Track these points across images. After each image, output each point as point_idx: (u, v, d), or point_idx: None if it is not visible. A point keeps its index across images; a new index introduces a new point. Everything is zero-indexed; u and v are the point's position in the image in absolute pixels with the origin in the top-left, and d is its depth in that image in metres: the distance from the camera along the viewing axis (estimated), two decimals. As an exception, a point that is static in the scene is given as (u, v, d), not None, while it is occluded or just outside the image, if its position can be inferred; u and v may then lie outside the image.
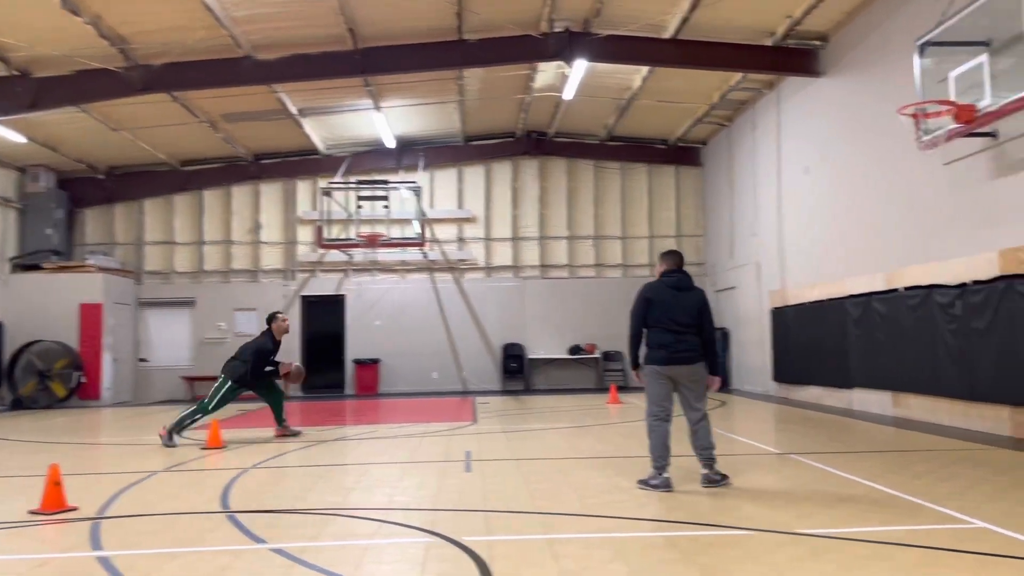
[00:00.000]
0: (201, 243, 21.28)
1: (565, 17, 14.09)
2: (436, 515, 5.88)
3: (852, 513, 5.70)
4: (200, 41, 13.27)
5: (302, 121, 18.35)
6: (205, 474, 8.19)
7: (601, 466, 8.01)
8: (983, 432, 9.83)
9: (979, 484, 6.63)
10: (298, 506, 6.33)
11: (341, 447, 10.24)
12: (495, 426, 12.12)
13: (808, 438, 10.08)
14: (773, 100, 16.70)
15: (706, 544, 4.97)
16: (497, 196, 21.64)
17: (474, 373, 21.01)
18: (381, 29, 13.99)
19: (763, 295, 17.44)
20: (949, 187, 10.79)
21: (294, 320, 21.00)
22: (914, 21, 11.02)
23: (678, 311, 6.86)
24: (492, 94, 17.96)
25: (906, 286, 11.65)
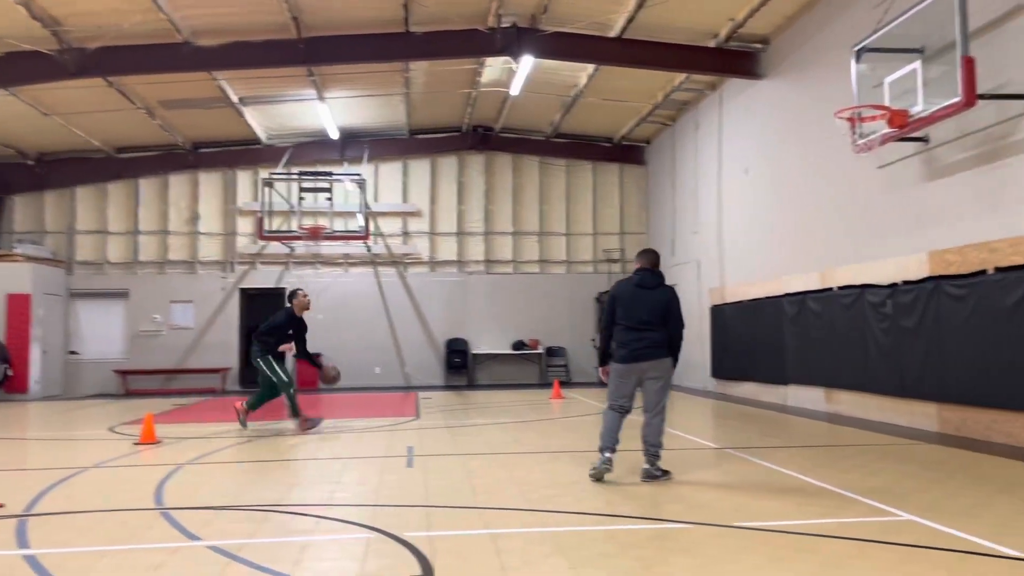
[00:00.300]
0: (136, 233, 20.71)
1: (512, 12, 14.10)
2: (377, 511, 5.85)
3: (785, 506, 5.85)
4: (137, 25, 12.90)
5: (243, 110, 17.99)
6: (138, 470, 7.99)
7: (544, 461, 8.06)
8: (911, 427, 10.18)
9: (906, 478, 6.87)
10: (235, 503, 6.22)
11: (280, 443, 10.09)
12: (438, 421, 12.09)
13: (744, 433, 10.31)
14: (715, 101, 16.99)
15: (645, 537, 5.05)
16: (442, 190, 21.56)
17: (417, 368, 20.92)
18: (326, 18, 13.79)
19: (703, 293, 17.74)
20: (882, 190, 11.14)
21: (231, 313, 20.64)
22: (852, 27, 11.33)
23: (641, 309, 6.96)
24: (438, 88, 17.87)
25: (840, 285, 11.98)
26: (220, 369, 20.28)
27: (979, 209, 9.24)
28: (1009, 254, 8.63)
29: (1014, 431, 8.54)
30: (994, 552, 4.54)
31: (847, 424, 10.85)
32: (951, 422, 9.56)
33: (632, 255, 21.61)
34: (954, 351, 9.38)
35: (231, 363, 20.50)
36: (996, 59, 8.78)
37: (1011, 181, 8.75)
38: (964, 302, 9.19)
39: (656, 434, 6.93)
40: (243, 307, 20.77)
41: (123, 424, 12.20)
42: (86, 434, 10.92)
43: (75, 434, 11.10)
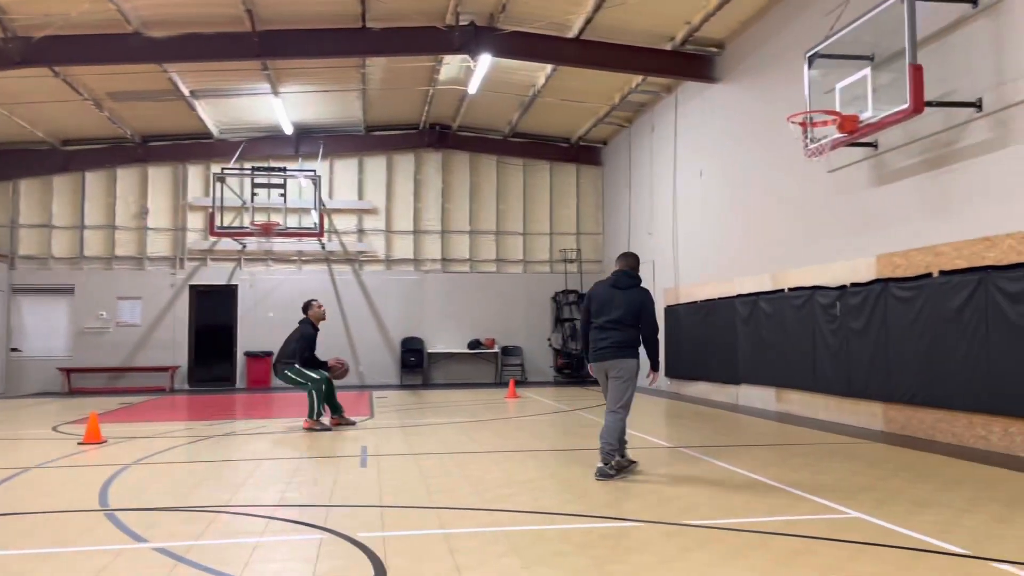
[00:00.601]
0: (82, 227, 20.18)
1: (471, 11, 14.06)
2: (330, 511, 5.77)
3: (736, 504, 5.93)
4: (85, 14, 12.57)
5: (195, 103, 17.65)
6: (82, 470, 7.78)
7: (499, 460, 8.05)
8: (858, 427, 10.40)
9: (854, 476, 7.01)
10: (183, 503, 6.09)
11: (230, 443, 9.92)
12: (392, 421, 12.01)
13: (697, 432, 10.42)
14: (671, 103, 17.16)
15: (598, 536, 5.07)
16: (399, 188, 21.42)
17: (372, 367, 20.75)
18: (281, 12, 13.59)
19: (658, 293, 17.90)
20: (832, 193, 11.36)
21: (181, 311, 20.25)
22: (804, 33, 11.53)
23: (611, 309, 7.11)
24: (395, 85, 17.74)
25: (791, 287, 12.19)
26: (168, 367, 19.86)
27: (925, 213, 9.47)
28: (953, 258, 8.86)
29: (957, 430, 8.78)
30: (939, 549, 4.65)
31: (797, 423, 11.04)
32: (896, 421, 9.79)
33: (589, 255, 21.90)
34: (900, 352, 9.61)
35: (180, 361, 20.10)
36: (943, 68, 9.01)
37: (955, 187, 8.99)
38: (910, 304, 9.42)
39: (610, 432, 6.99)
40: (193, 304, 20.38)
41: (67, 423, 11.88)
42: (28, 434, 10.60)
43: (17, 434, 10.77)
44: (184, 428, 11.47)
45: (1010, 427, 8.07)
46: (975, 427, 8.53)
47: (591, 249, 22.05)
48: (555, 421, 11.87)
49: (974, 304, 8.42)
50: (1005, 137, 8.30)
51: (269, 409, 14.48)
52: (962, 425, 8.71)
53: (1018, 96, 8.07)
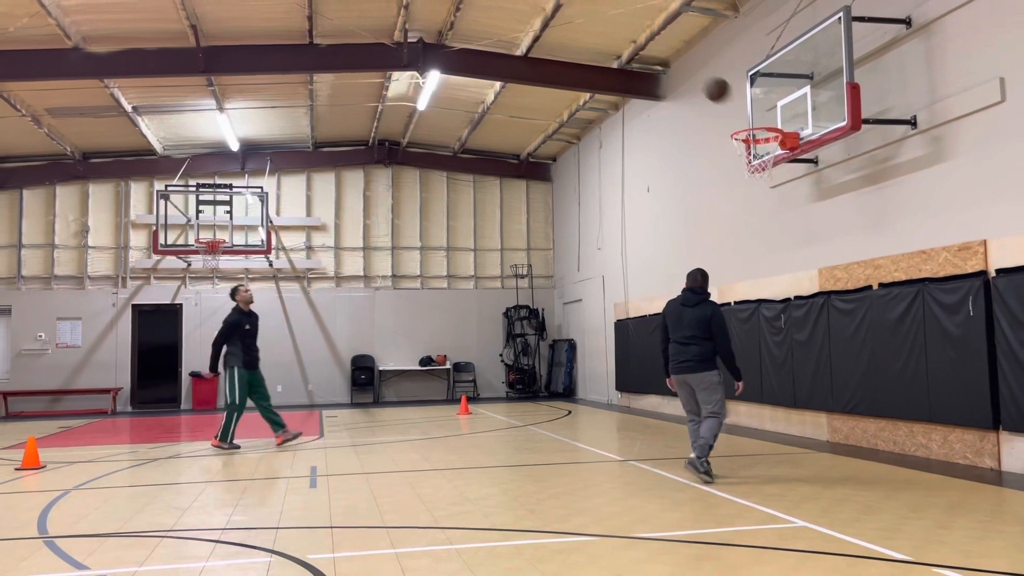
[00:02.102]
0: (19, 246, 19.59)
1: (419, 28, 14.09)
2: (279, 533, 5.68)
3: (686, 516, 5.99)
4: (23, 29, 12.26)
5: (138, 119, 17.31)
6: (19, 496, 7.52)
7: (451, 477, 8.01)
8: (803, 437, 10.61)
9: (799, 485, 7.14)
10: (125, 529, 5.92)
11: (175, 465, 9.68)
12: (343, 440, 11.86)
13: (647, 445, 10.51)
14: (618, 120, 17.39)
15: (551, 551, 5.07)
16: (348, 204, 21.27)
17: (321, 386, 20.49)
18: (226, 27, 13.44)
19: (607, 307, 18.06)
20: (775, 208, 11.62)
21: (124, 331, 19.75)
22: (746, 53, 11.82)
23: (683, 325, 7.71)
24: (344, 101, 17.66)
25: (737, 300, 12.41)
26: (110, 389, 19.33)
27: (864, 228, 9.75)
28: (892, 271, 9.13)
29: (898, 438, 9.01)
30: (883, 556, 4.76)
31: (744, 435, 11.21)
32: (840, 431, 10.01)
33: (539, 270, 22.02)
34: (843, 363, 9.84)
35: (123, 383, 19.59)
36: (879, 86, 9.32)
37: (893, 201, 9.27)
38: (852, 316, 9.66)
39: (707, 429, 7.51)
40: (136, 324, 19.90)
41: (4, 448, 11.46)
42: (-39, 461, 10.21)
43: (-52, 461, 10.36)
44: (127, 451, 11.16)
45: (949, 435, 8.31)
46: (915, 435, 8.77)
47: (542, 264, 22.17)
48: (507, 437, 11.86)
49: (912, 315, 8.68)
50: (939, 153, 8.59)
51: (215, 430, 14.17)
52: (903, 434, 8.94)
53: (950, 114, 8.38)
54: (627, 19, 13.26)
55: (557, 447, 10.45)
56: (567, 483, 7.57)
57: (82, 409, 19.00)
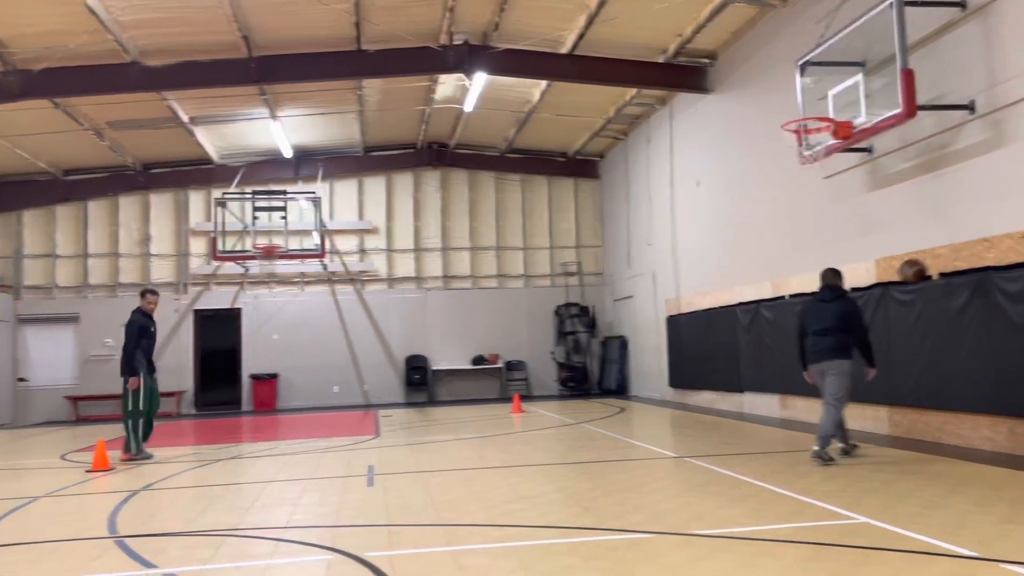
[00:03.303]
0: (86, 256, 20.28)
1: (464, 30, 14.19)
2: (337, 532, 5.79)
3: (743, 512, 5.93)
4: (84, 46, 12.70)
5: (194, 130, 17.78)
6: (91, 498, 7.80)
7: (505, 475, 8.06)
8: (864, 431, 10.39)
9: (860, 481, 7.01)
10: (191, 528, 6.11)
11: (237, 466, 9.93)
12: (398, 439, 12.01)
13: (702, 441, 10.42)
14: (666, 115, 17.25)
15: (607, 548, 5.08)
16: (398, 207, 21.51)
17: (376, 386, 20.76)
18: (277, 37, 13.72)
19: (659, 303, 17.93)
20: (829, 199, 11.40)
21: (186, 335, 20.28)
22: (795, 42, 11.62)
23: (819, 319, 8.25)
24: (392, 105, 17.87)
25: (791, 293, 12.21)
26: (175, 393, 19.88)
27: (922, 216, 9.51)
28: (952, 260, 8.89)
29: (964, 432, 8.77)
30: (948, 552, 4.66)
31: (802, 430, 11.03)
32: (902, 425, 9.78)
33: (589, 267, 21.96)
34: (903, 355, 9.61)
35: (186, 386, 20.14)
36: (935, 71, 9.07)
37: (952, 189, 9.03)
38: (911, 307, 9.43)
39: (825, 422, 7.99)
40: (197, 329, 20.44)
41: (75, 451, 11.91)
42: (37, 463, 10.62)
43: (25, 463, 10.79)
44: (191, 453, 11.49)
45: (1016, 427, 8.06)
46: (981, 428, 8.53)
47: (591, 262, 22.10)
48: (561, 435, 11.88)
49: (975, 305, 8.44)
50: (999, 138, 8.34)
51: (275, 431, 14.49)
52: (968, 427, 8.71)
53: (1010, 97, 8.13)
54: (672, 12, 13.15)
55: (611, 444, 10.43)
56: (622, 480, 7.56)
57: (147, 413, 19.54)
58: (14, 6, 11.63)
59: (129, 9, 12.02)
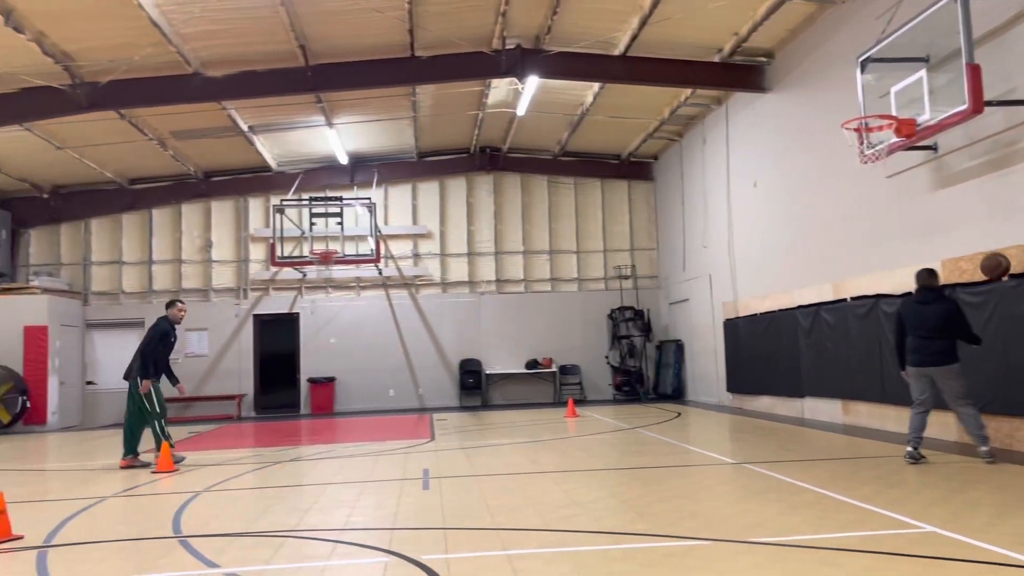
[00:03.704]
0: (150, 262, 20.89)
1: (517, 34, 14.22)
2: (394, 534, 5.84)
3: (804, 520, 5.80)
4: (147, 58, 13.08)
5: (253, 138, 18.17)
6: (156, 498, 8.01)
7: (559, 480, 8.03)
8: (929, 437, 10.05)
9: (926, 489, 6.80)
10: (251, 529, 6.22)
11: (296, 468, 10.10)
12: (453, 443, 12.07)
13: (761, 447, 10.23)
14: (722, 115, 17.02)
15: (663, 555, 5.01)
16: (452, 212, 21.66)
17: (431, 390, 20.91)
18: (333, 46, 13.94)
19: (715, 307, 17.69)
20: (892, 199, 11.11)
21: (246, 340, 20.72)
22: (855, 38, 11.36)
23: (921, 322, 8.18)
24: (445, 110, 18.00)
25: (853, 296, 11.93)
26: (235, 396, 20.34)
27: (990, 215, 9.20)
28: (1023, 260, 8.57)
29: (1035, 439, 8.44)
30: (1019, 563, 4.48)
31: (865, 436, 10.76)
32: (971, 431, 9.45)
33: (644, 271, 21.79)
34: (972, 360, 9.28)
35: (246, 389, 20.57)
36: (1002, 65, 8.77)
37: (1021, 187, 8.71)
38: (981, 309, 9.12)
39: (969, 424, 8.02)
40: (257, 333, 20.87)
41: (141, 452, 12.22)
42: (104, 464, 10.95)
43: (93, 464, 11.14)
44: (252, 455, 11.72)
45: (1093, 434, 7.73)
46: (1055, 435, 8.19)
47: (646, 265, 21.93)
48: (615, 440, 11.79)
49: (1048, 307, 8.12)
50: (1072, 133, 8.02)
51: (333, 434, 14.70)
52: (1041, 433, 8.38)
53: (1084, 91, 7.81)
54: (728, 11, 12.97)
55: (666, 450, 10.32)
56: (678, 486, 7.46)
57: (210, 415, 20.06)
58: (82, 21, 12.05)
59: (190, 21, 12.35)
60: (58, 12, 11.69)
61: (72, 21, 12.01)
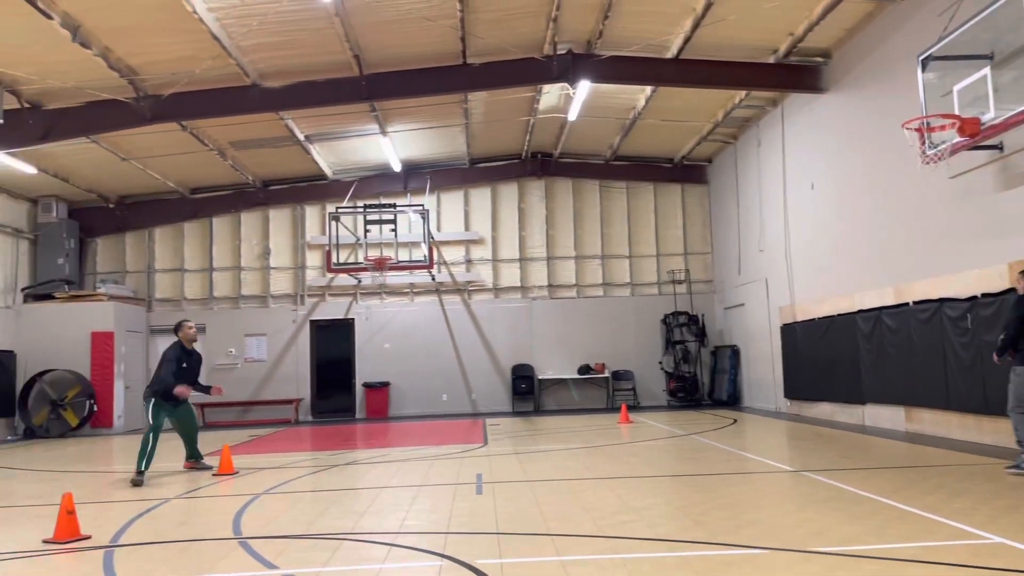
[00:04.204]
0: (211, 270, 21.41)
1: (568, 39, 14.22)
2: (448, 538, 5.87)
3: (866, 530, 5.66)
4: (208, 70, 13.43)
5: (309, 147, 18.51)
6: (217, 500, 8.20)
7: (613, 486, 7.99)
8: (996, 446, 9.75)
9: (993, 498, 6.58)
10: (309, 531, 6.33)
11: (352, 471, 10.23)
12: (506, 448, 12.09)
13: (820, 455, 10.02)
14: (777, 117, 16.76)
15: (719, 563, 4.95)
16: (503, 217, 21.73)
17: (484, 395, 20.98)
18: (386, 55, 14.13)
19: (772, 311, 17.40)
20: (956, 200, 10.80)
21: (303, 345, 21.07)
22: (916, 36, 11.08)
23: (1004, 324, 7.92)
24: (497, 117, 18.08)
25: (916, 300, 11.62)
26: (293, 400, 20.70)
27: (1061, 216, 8.87)
28: (1096, 262, 8.25)
29: (1111, 448, 8.10)
30: (1094, 576, 4.31)
31: (928, 443, 10.46)
32: (1042, 439, 9.11)
33: (698, 275, 21.56)
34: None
35: (303, 394, 20.92)
36: (1072, 61, 8.47)
37: (1095, 186, 8.39)
38: (1050, 314, 8.79)
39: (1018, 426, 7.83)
40: (313, 338, 21.21)
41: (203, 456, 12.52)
42: (167, 466, 11.25)
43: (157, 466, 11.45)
44: (309, 458, 11.91)
45: None
46: None
47: (700, 269, 21.68)
48: (670, 446, 11.68)
49: (1123, 311, 7.79)
50: None
51: (388, 439, 14.85)
52: (1117, 442, 8.03)
53: None
54: (783, 11, 12.78)
55: (723, 457, 10.18)
56: (735, 494, 7.36)
57: (268, 419, 20.45)
58: (145, 36, 12.43)
59: (249, 34, 12.64)
60: (123, 27, 12.08)
61: (136, 36, 12.40)
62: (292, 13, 12.19)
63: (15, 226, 18.92)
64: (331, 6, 11.90)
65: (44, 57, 12.62)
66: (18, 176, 17.40)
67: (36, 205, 19.60)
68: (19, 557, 5.84)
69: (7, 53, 12.35)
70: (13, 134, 14.25)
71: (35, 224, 19.63)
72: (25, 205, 19.40)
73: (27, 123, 14.15)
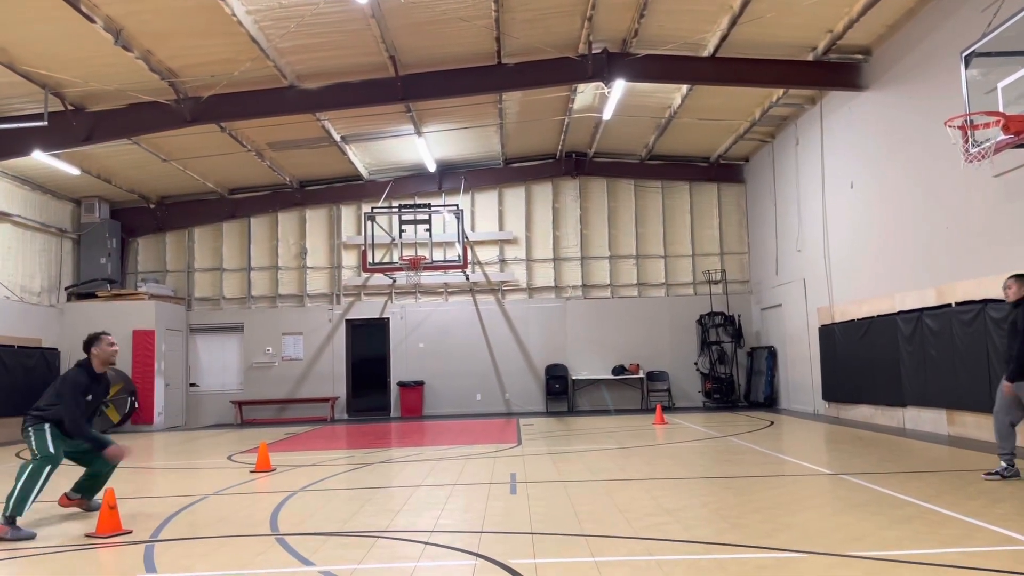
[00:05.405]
0: (249, 269, 21.70)
1: (603, 38, 14.17)
2: (482, 537, 5.88)
3: (906, 534, 5.56)
4: (246, 72, 13.61)
5: (346, 148, 18.67)
6: (254, 497, 8.31)
7: (648, 487, 7.94)
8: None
9: (1040, 505, 6.43)
10: (344, 529, 6.38)
11: (387, 470, 10.30)
12: (540, 448, 12.08)
13: (860, 458, 9.87)
14: (816, 115, 16.53)
15: (756, 567, 4.89)
16: (538, 217, 21.72)
17: (517, 394, 21.00)
18: (421, 56, 14.20)
19: (810, 312, 17.17)
20: (1001, 199, 10.56)
21: (339, 344, 21.26)
22: (959, 32, 10.86)
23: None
24: (531, 116, 18.08)
25: (958, 301, 11.39)
26: (329, 398, 20.91)
27: (1111, 215, 8.64)
28: None
29: None
30: None
31: (971, 447, 10.25)
32: (1090, 445, 8.89)
33: (734, 275, 21.36)
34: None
35: (339, 393, 21.12)
36: (1123, 55, 8.24)
37: None
38: (1099, 315, 8.56)
39: None
40: (349, 338, 21.40)
41: (240, 453, 12.72)
42: (206, 463, 11.42)
43: (196, 463, 11.63)
44: (345, 456, 12.01)
45: None
46: None
47: (736, 269, 21.47)
48: (705, 448, 11.58)
49: None
50: None
51: (422, 437, 14.92)
52: None
53: None
54: (822, 8, 12.61)
55: (759, 459, 10.06)
56: (771, 497, 7.27)
57: (305, 417, 20.68)
58: (185, 39, 12.64)
59: (286, 36, 12.79)
60: (164, 31, 12.30)
61: (177, 39, 12.62)
62: (329, 15, 12.31)
63: (59, 226, 19.36)
64: (367, 8, 12.00)
65: (87, 60, 12.89)
66: (62, 177, 17.81)
67: (79, 206, 20.04)
68: (62, 550, 5.97)
69: (52, 56, 12.64)
70: (57, 136, 14.59)
71: (78, 224, 20.07)
72: (69, 206, 19.84)
73: (71, 125, 14.48)
